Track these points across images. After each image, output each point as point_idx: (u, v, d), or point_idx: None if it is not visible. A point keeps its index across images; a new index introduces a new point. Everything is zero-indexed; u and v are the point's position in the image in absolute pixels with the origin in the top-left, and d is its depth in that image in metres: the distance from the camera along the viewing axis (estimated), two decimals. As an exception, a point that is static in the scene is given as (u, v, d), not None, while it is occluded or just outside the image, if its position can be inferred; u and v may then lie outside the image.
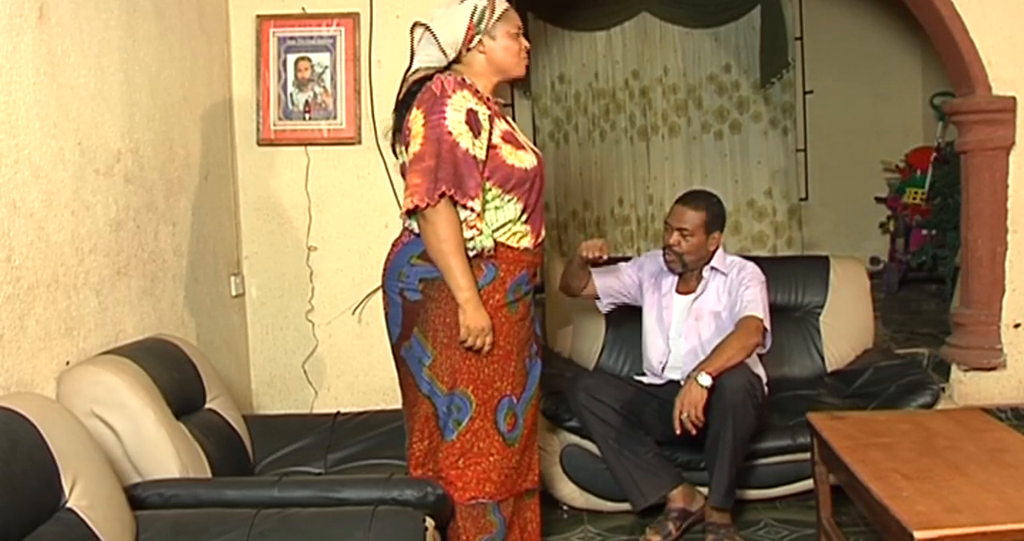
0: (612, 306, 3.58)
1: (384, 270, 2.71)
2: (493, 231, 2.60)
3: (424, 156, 2.51)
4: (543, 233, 2.75)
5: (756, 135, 7.38)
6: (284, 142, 3.85)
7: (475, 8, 2.62)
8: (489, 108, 2.63)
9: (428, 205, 2.48)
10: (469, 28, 2.62)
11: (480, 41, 2.64)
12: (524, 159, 2.65)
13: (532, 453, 2.79)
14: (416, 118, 2.55)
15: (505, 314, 2.64)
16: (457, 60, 2.67)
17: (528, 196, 2.66)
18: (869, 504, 2.31)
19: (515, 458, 2.69)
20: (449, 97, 2.54)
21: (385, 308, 2.73)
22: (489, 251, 2.59)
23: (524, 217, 2.66)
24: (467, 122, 2.53)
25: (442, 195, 2.48)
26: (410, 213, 2.57)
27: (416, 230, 2.61)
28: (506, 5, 2.68)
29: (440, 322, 2.59)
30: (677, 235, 3.38)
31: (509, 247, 2.64)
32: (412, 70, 2.69)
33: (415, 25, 2.71)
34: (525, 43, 2.72)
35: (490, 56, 2.65)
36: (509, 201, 2.62)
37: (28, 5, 2.34)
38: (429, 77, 2.63)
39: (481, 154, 2.55)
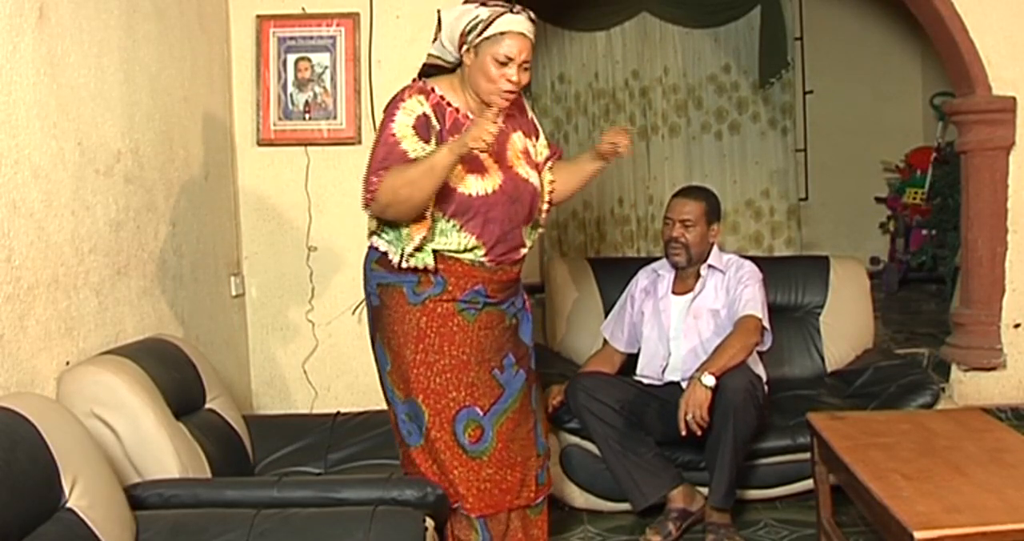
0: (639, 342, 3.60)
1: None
2: (433, 250, 2.54)
3: (371, 158, 2.52)
4: (520, 255, 2.66)
5: (755, 135, 7.38)
6: (284, 142, 3.85)
7: (475, 16, 2.50)
8: (447, 121, 2.55)
9: (367, 201, 2.50)
10: (463, 34, 2.53)
11: (468, 52, 2.53)
12: (472, 184, 2.53)
13: (525, 468, 2.68)
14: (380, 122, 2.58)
15: (458, 322, 2.57)
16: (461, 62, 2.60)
17: (482, 227, 2.54)
18: (869, 504, 2.31)
19: (487, 472, 2.60)
20: (403, 101, 2.52)
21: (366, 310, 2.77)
22: (429, 267, 2.54)
23: (482, 251, 2.56)
24: (415, 126, 2.49)
25: (373, 193, 2.46)
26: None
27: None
28: (505, 29, 2.48)
29: (391, 330, 2.59)
30: (680, 227, 3.40)
31: (460, 262, 2.57)
32: (428, 53, 2.65)
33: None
34: (509, 74, 2.49)
35: (469, 72, 2.55)
36: (453, 228, 2.53)
37: (28, 5, 2.34)
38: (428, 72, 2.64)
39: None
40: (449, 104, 2.58)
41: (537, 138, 2.80)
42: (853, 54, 7.80)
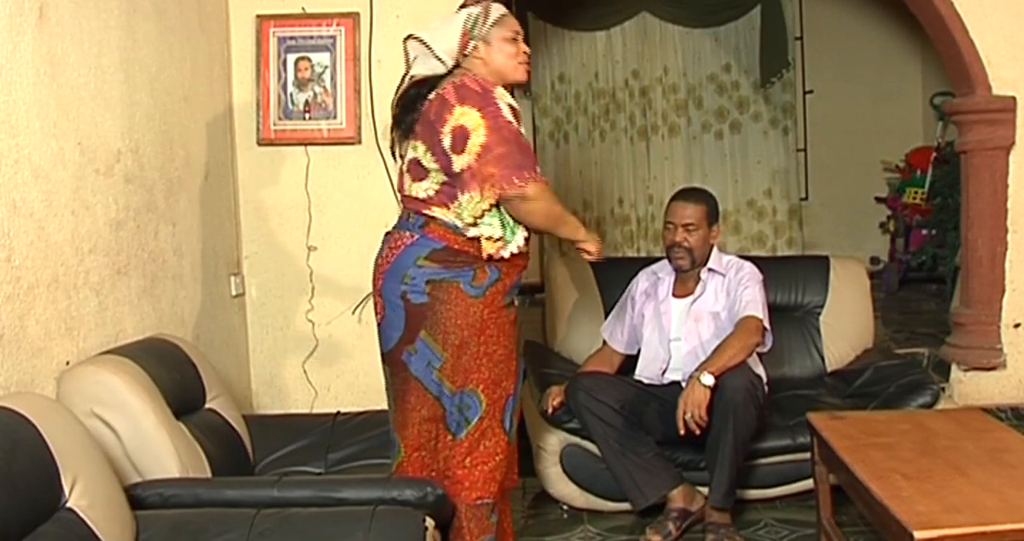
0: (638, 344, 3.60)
1: (381, 273, 2.65)
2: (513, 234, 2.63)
3: (492, 146, 2.50)
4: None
5: (756, 135, 7.39)
6: (284, 142, 3.85)
7: (469, 16, 2.65)
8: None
9: (519, 187, 2.51)
10: (463, 34, 2.63)
11: (476, 47, 2.64)
12: None
13: (514, 450, 2.80)
14: (466, 113, 2.52)
15: (505, 315, 2.65)
16: (457, 66, 2.66)
17: None
18: (869, 504, 2.31)
19: (509, 456, 2.72)
20: (492, 91, 2.57)
21: (380, 312, 2.68)
22: (513, 253, 2.62)
23: (523, 238, 2.67)
24: (511, 113, 2.58)
25: (532, 178, 2.53)
26: (431, 208, 2.59)
27: (418, 232, 2.61)
28: (502, 11, 2.69)
29: (452, 324, 2.58)
30: (683, 231, 3.41)
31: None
32: (410, 76, 2.70)
33: (408, 38, 2.71)
34: (524, 47, 2.71)
35: (487, 61, 2.66)
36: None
37: (28, 5, 2.34)
38: (433, 80, 2.63)
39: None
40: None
41: None
42: (853, 54, 7.80)
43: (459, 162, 2.53)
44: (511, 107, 2.60)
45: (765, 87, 7.24)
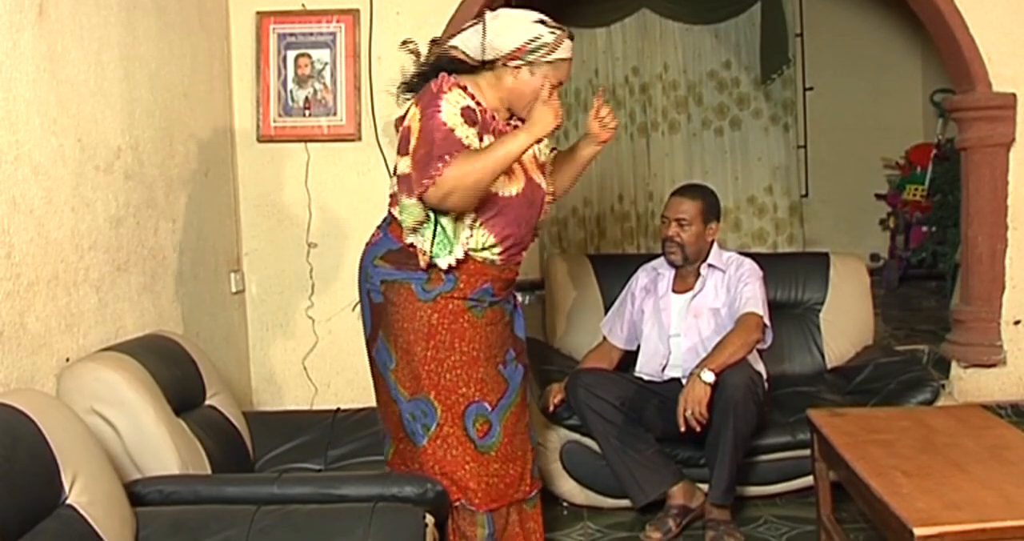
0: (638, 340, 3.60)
1: (358, 270, 2.69)
2: (461, 246, 2.52)
3: (419, 148, 2.44)
4: (523, 256, 2.70)
5: (757, 132, 7.39)
6: (284, 138, 3.85)
7: (538, 36, 2.52)
8: (483, 120, 2.54)
9: (426, 188, 2.39)
10: (520, 49, 2.52)
11: (519, 68, 2.54)
12: (500, 184, 2.55)
13: (524, 462, 2.70)
14: (414, 116, 2.49)
15: (468, 318, 2.58)
16: (492, 66, 2.56)
17: (502, 227, 2.56)
18: (869, 501, 2.31)
19: (494, 466, 2.62)
20: (444, 93, 2.47)
21: (361, 308, 2.72)
22: (451, 266, 2.53)
23: (498, 250, 2.58)
24: (462, 115, 2.47)
25: (434, 179, 2.37)
26: (395, 204, 2.54)
27: (384, 230, 2.62)
28: (566, 56, 2.58)
29: (399, 327, 2.57)
30: (676, 226, 3.41)
31: (473, 260, 2.57)
32: (446, 42, 2.59)
33: (478, 15, 2.60)
34: (556, 101, 2.55)
35: (517, 86, 2.55)
36: (480, 226, 2.54)
37: (28, 1, 2.34)
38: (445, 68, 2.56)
39: (476, 144, 2.48)
40: (479, 103, 2.56)
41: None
42: (853, 51, 7.78)
43: (401, 165, 2.49)
44: (467, 109, 2.47)
45: (765, 84, 7.23)
